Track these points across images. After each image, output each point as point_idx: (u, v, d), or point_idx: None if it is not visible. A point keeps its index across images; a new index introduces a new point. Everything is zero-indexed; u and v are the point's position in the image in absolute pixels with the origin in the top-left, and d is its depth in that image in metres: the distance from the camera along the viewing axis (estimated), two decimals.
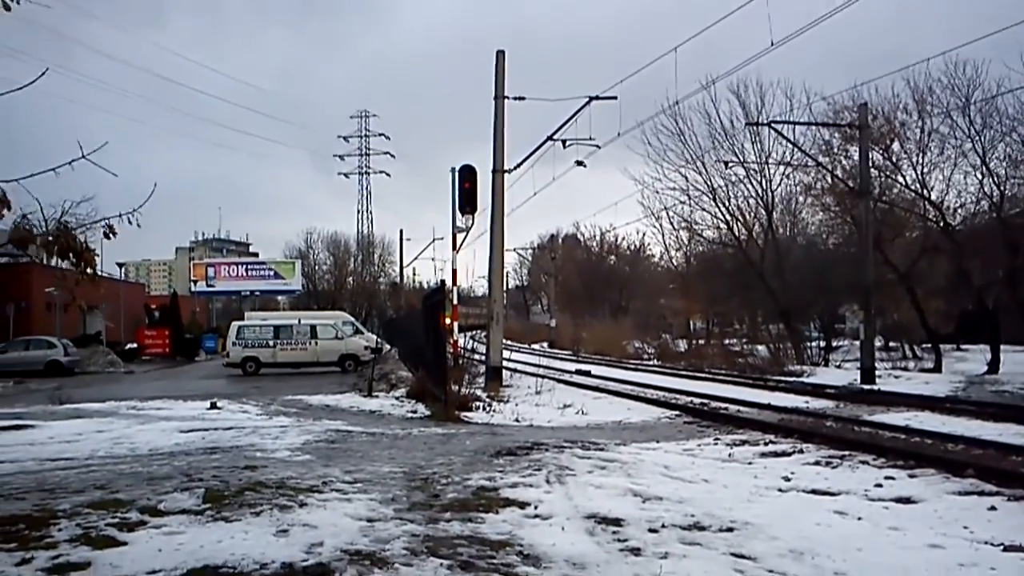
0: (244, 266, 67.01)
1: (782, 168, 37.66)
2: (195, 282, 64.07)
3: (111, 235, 5.68)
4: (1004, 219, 29.52)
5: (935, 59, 32.84)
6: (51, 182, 5.54)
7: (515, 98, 24.87)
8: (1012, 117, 28.42)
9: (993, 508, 7.40)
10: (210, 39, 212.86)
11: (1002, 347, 29.09)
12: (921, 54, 66.41)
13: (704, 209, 41.48)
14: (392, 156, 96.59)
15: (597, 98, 24.77)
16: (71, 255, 5.69)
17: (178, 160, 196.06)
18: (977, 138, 29.39)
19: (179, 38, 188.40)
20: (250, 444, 11.23)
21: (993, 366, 27.98)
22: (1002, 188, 29.83)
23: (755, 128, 36.20)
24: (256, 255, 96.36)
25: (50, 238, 5.61)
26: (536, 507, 6.93)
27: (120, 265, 54.94)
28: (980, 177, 30.29)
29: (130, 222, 5.66)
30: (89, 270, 5.89)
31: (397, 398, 20.08)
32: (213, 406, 17.16)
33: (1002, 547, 6.02)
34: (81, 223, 5.93)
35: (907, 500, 7.82)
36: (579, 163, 26.45)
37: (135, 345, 48.11)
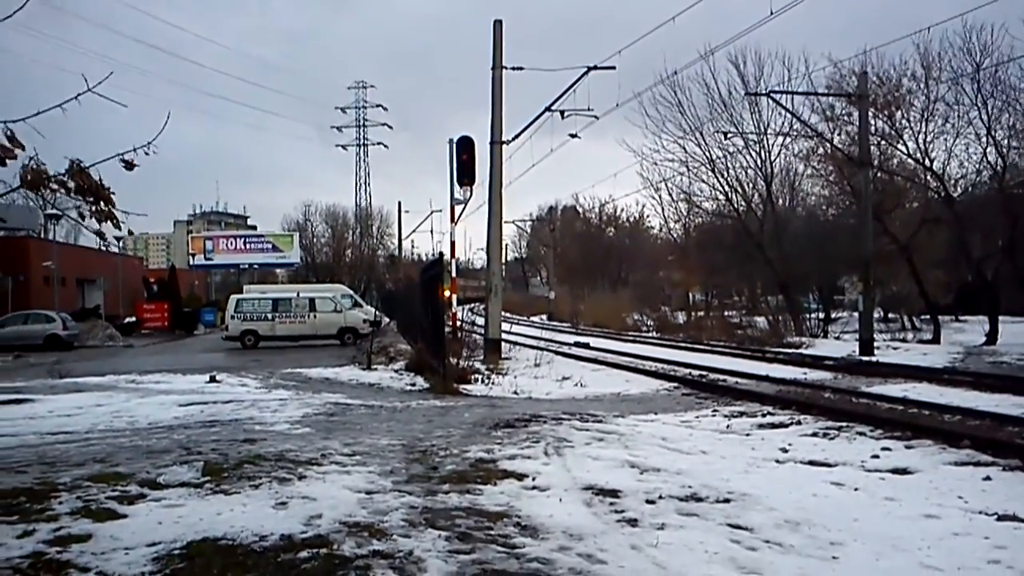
0: (242, 239, 66.95)
1: (781, 139, 37.60)
2: (193, 255, 64.09)
3: (130, 167, 5.58)
4: (1005, 189, 29.44)
5: (946, 24, 32.64)
6: (56, 137, 5.46)
7: (513, 68, 24.75)
8: (1015, 87, 28.27)
9: (988, 478, 7.44)
10: (212, 6, 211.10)
11: (1000, 318, 29.13)
12: (927, 19, 66.04)
13: (703, 180, 41.49)
14: (390, 127, 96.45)
15: (595, 68, 24.64)
16: (87, 194, 5.60)
17: (176, 132, 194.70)
18: (984, 107, 29.21)
19: (180, 5, 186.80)
20: (249, 417, 11.27)
21: (991, 337, 28.03)
22: (1005, 158, 29.73)
23: (754, 98, 36.03)
24: (254, 228, 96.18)
25: (64, 176, 5.51)
26: (534, 479, 6.97)
27: (119, 238, 54.73)
28: (984, 146, 30.15)
29: (147, 153, 5.57)
30: (107, 207, 5.77)
31: (396, 371, 20.13)
32: (212, 379, 17.20)
33: (996, 516, 6.06)
34: (94, 163, 5.82)
35: (903, 471, 7.87)
36: (573, 135, 26.38)
37: (134, 319, 48.11)
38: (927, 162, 31.27)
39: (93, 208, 5.59)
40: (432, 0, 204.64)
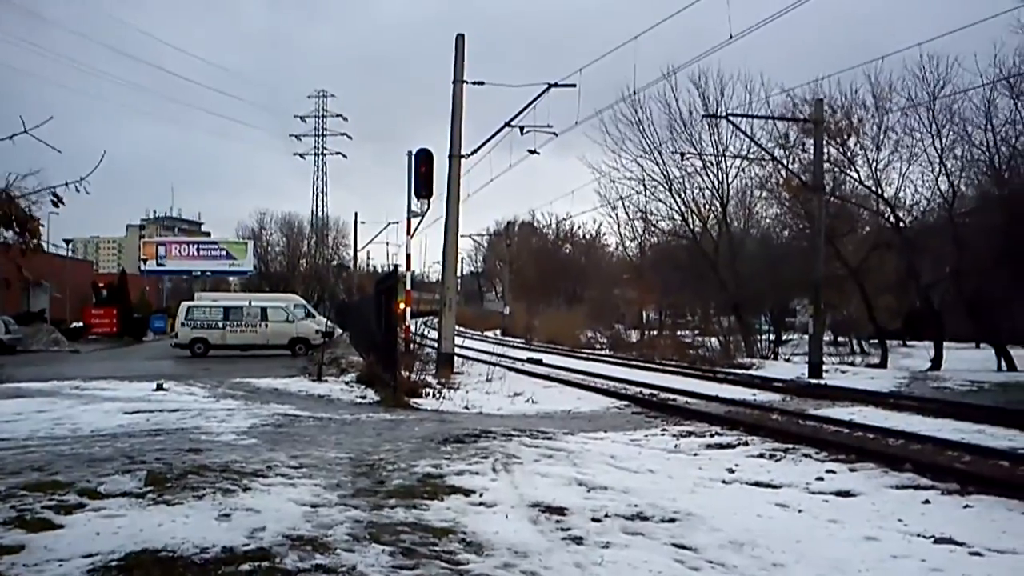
0: (195, 245, 66.09)
1: (738, 161, 38.07)
2: (145, 261, 63.11)
3: (59, 204, 5.50)
4: (954, 217, 30.09)
5: (901, 53, 33.39)
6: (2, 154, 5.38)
7: (474, 83, 24.76)
8: (967, 118, 28.95)
9: (927, 502, 7.57)
10: (177, 12, 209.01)
11: (946, 344, 29.75)
12: (882, 49, 67.49)
13: (660, 200, 41.87)
14: (349, 137, 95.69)
15: (556, 85, 24.74)
16: (14, 224, 5.51)
17: (132, 136, 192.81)
18: (936, 136, 29.86)
19: (145, 9, 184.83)
20: (195, 427, 11.12)
21: (936, 362, 28.59)
22: (955, 187, 30.39)
23: (713, 120, 36.45)
24: (208, 235, 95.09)
25: None
26: (481, 495, 6.96)
27: (68, 241, 53.94)
28: (935, 174, 30.81)
29: (78, 190, 5.47)
30: (34, 241, 5.70)
31: (347, 383, 19.97)
32: (159, 387, 16.94)
33: (933, 539, 6.17)
34: (24, 193, 5.74)
35: (846, 493, 7.98)
36: (532, 151, 26.42)
37: (81, 324, 47.20)
38: (879, 189, 31.94)
39: (19, 240, 5.50)
40: (399, 12, 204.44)
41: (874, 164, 31.85)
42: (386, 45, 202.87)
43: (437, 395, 18.48)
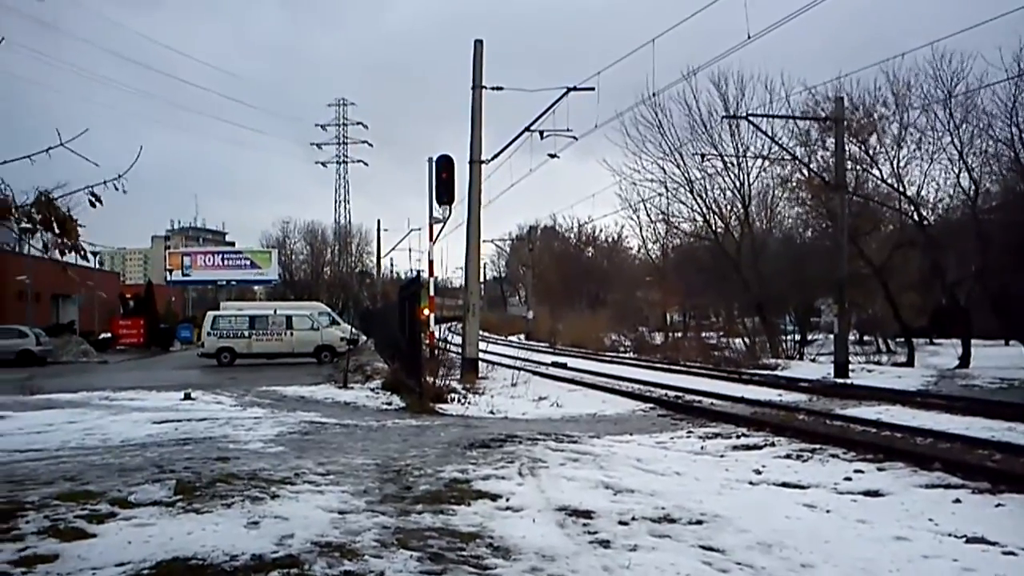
0: (220, 255, 66.61)
1: (759, 161, 37.87)
2: (171, 271, 63.71)
3: (96, 203, 5.54)
4: (978, 214, 29.80)
5: (918, 51, 33.13)
6: (25, 170, 5.45)
7: (493, 88, 24.80)
8: (990, 112, 28.66)
9: (958, 501, 7.51)
10: (195, 21, 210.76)
11: (973, 342, 29.40)
12: (903, 46, 67.06)
13: (681, 201, 41.73)
14: (370, 145, 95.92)
15: (575, 89, 24.73)
16: (54, 225, 5.55)
17: (156, 147, 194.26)
18: (956, 132, 29.62)
19: (163, 19, 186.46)
20: (223, 435, 11.20)
21: (964, 360, 28.28)
22: (978, 184, 30.12)
23: (733, 120, 36.28)
24: (233, 244, 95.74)
25: (30, 207, 5.47)
26: (508, 499, 6.97)
27: (95, 254, 54.35)
28: (956, 172, 30.55)
29: (116, 188, 5.52)
30: (74, 241, 5.74)
31: (372, 390, 20.04)
32: (187, 397, 17.07)
33: (965, 539, 6.12)
34: (62, 195, 5.79)
35: (875, 493, 7.93)
36: (552, 155, 26.39)
37: (109, 335, 47.71)
38: (901, 187, 31.67)
39: (59, 240, 5.55)
40: (417, 17, 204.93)
41: (896, 162, 31.60)
42: (404, 51, 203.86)
43: (462, 400, 18.51)
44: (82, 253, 5.81)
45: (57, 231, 5.57)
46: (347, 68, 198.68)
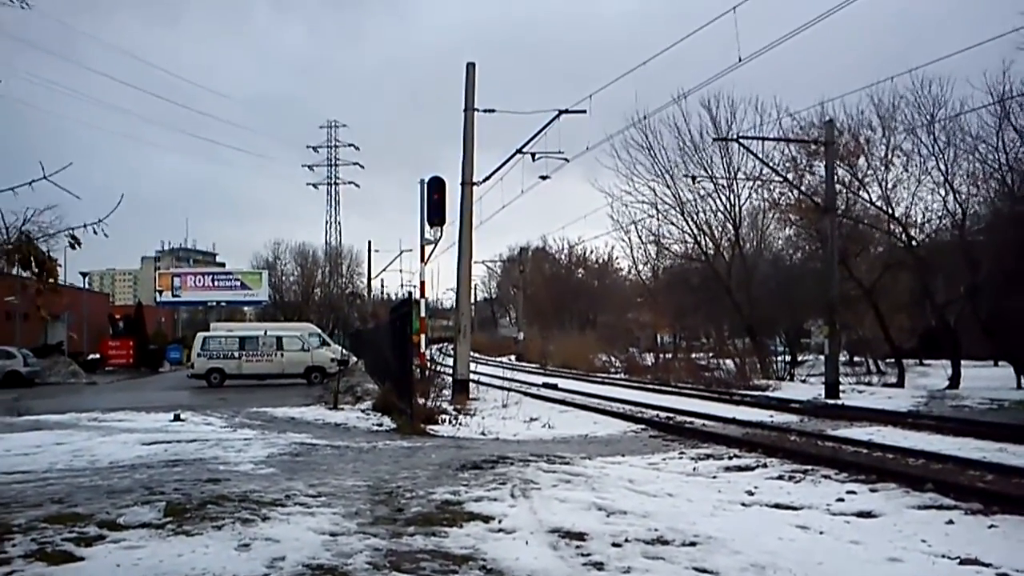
0: (210, 276, 66.34)
1: (750, 183, 38.05)
2: (160, 292, 63.37)
3: (76, 245, 5.56)
4: (966, 236, 29.98)
5: (901, 76, 33.38)
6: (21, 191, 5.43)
7: (485, 110, 24.95)
8: (975, 136, 28.91)
9: (951, 522, 7.50)
10: (181, 43, 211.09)
11: (963, 363, 29.50)
12: (888, 70, 67.61)
13: (672, 223, 41.84)
14: (361, 166, 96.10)
15: (567, 111, 24.89)
16: (33, 265, 5.57)
17: (147, 168, 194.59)
18: (941, 156, 29.92)
19: (156, 43, 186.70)
20: (213, 457, 11.14)
21: (954, 381, 28.36)
22: (964, 206, 30.33)
23: (724, 143, 36.48)
24: (223, 265, 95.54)
25: (11, 247, 5.48)
26: (500, 521, 6.93)
27: (84, 274, 54.04)
28: (943, 194, 30.79)
29: (95, 232, 5.52)
30: (51, 280, 5.76)
31: (363, 411, 19.97)
32: (176, 418, 16.99)
33: (958, 560, 6.11)
34: (44, 232, 5.81)
35: (868, 514, 7.91)
36: (544, 177, 26.56)
37: (98, 356, 47.46)
38: (890, 209, 31.87)
39: (38, 281, 5.56)
40: (413, 41, 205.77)
41: (884, 184, 31.88)
42: (399, 73, 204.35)
43: (453, 421, 18.46)
44: (58, 292, 5.82)
45: (36, 270, 5.57)
46: (344, 90, 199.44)
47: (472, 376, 25.76)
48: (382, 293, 76.03)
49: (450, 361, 27.15)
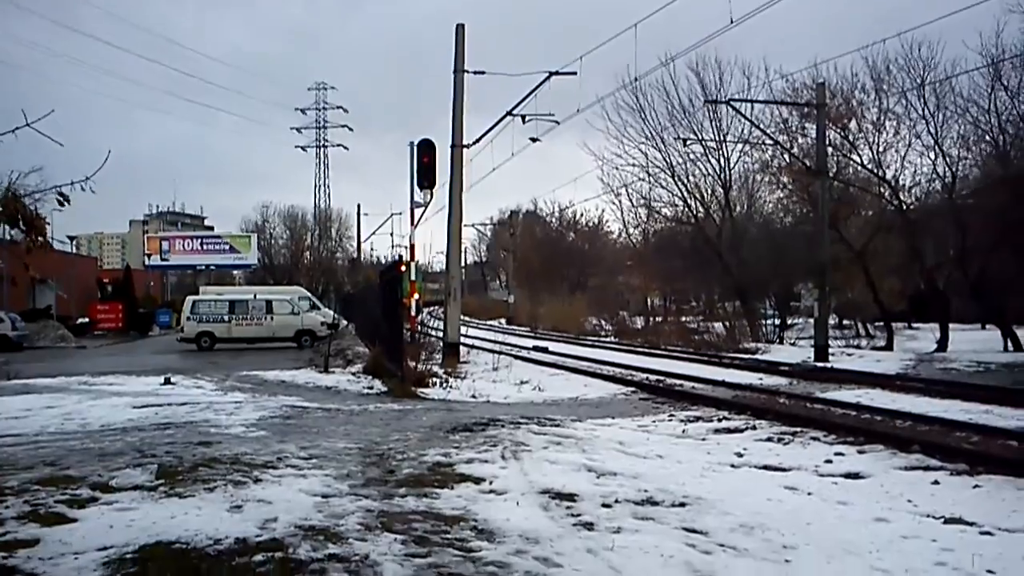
0: (199, 240, 66.23)
1: (740, 146, 37.98)
2: (149, 256, 63.23)
3: (64, 203, 5.49)
4: (955, 200, 30.02)
5: (893, 39, 33.18)
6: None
7: (475, 72, 24.73)
8: (966, 98, 28.85)
9: (936, 483, 7.59)
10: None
11: (951, 326, 29.67)
12: (884, 32, 67.27)
13: (662, 186, 41.76)
14: (350, 129, 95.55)
15: (557, 73, 24.68)
16: (21, 223, 5.50)
17: (135, 130, 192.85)
18: (931, 119, 29.85)
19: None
20: (204, 420, 11.16)
21: (942, 344, 28.55)
22: (954, 169, 30.35)
23: (713, 106, 36.35)
24: (212, 228, 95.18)
25: None
26: (491, 483, 6.98)
27: (72, 238, 53.97)
28: (933, 158, 30.77)
29: (83, 189, 5.45)
30: (40, 239, 5.68)
31: (353, 374, 20.00)
32: (167, 381, 16.99)
33: (943, 520, 6.19)
34: (31, 191, 5.74)
35: (856, 475, 7.99)
36: (534, 139, 26.37)
37: (87, 320, 47.33)
38: (881, 172, 31.85)
39: (26, 239, 5.48)
40: (405, 7, 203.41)
41: (875, 147, 31.82)
42: (392, 36, 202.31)
43: (444, 384, 18.51)
44: (47, 249, 5.74)
45: (24, 228, 5.49)
46: (336, 52, 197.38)
47: (462, 339, 25.79)
48: (372, 256, 75.92)
49: (440, 324, 27.16)
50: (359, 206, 70.29)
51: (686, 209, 40.98)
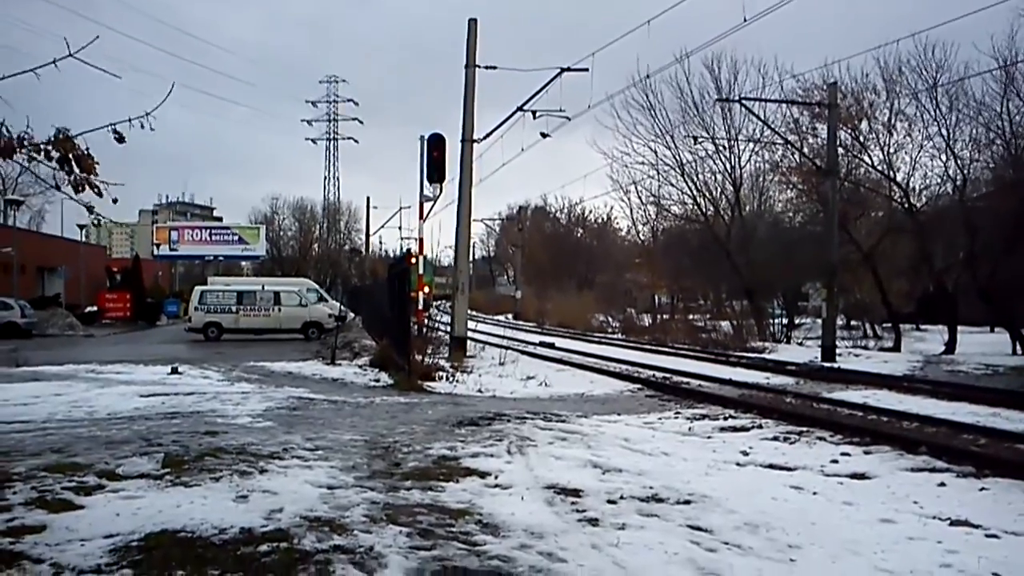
0: (208, 231, 66.35)
1: (751, 145, 37.85)
2: (158, 246, 63.43)
3: (121, 140, 5.33)
4: (966, 202, 29.89)
5: (906, 40, 33.03)
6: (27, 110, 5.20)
7: (486, 67, 24.67)
8: (978, 100, 28.71)
9: (943, 484, 7.57)
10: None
11: (959, 328, 29.57)
12: (896, 33, 66.97)
13: (672, 184, 41.62)
14: (360, 122, 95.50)
15: (568, 69, 24.62)
16: (72, 163, 5.30)
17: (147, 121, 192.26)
18: (943, 121, 29.72)
19: None
20: (211, 410, 11.18)
21: (950, 346, 28.45)
22: (965, 172, 30.21)
23: (725, 104, 36.23)
24: (220, 219, 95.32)
25: (47, 144, 5.22)
26: (496, 477, 6.98)
27: (81, 227, 53.87)
28: (944, 160, 30.64)
29: (143, 126, 5.30)
30: (89, 177, 5.48)
31: (360, 366, 20.03)
32: (174, 371, 17.03)
33: (949, 522, 6.17)
34: (81, 133, 5.50)
35: (862, 476, 7.97)
36: (544, 135, 26.30)
37: (95, 308, 47.44)
38: (891, 173, 31.75)
39: (72, 177, 5.30)
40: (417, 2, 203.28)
41: (886, 148, 31.70)
42: (404, 30, 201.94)
43: (450, 378, 18.52)
44: (97, 191, 5.52)
45: (72, 168, 5.30)
46: (347, 45, 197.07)
47: (470, 334, 25.78)
48: (380, 250, 75.98)
49: (447, 319, 27.15)
50: (368, 199, 70.17)
51: (695, 207, 40.88)
